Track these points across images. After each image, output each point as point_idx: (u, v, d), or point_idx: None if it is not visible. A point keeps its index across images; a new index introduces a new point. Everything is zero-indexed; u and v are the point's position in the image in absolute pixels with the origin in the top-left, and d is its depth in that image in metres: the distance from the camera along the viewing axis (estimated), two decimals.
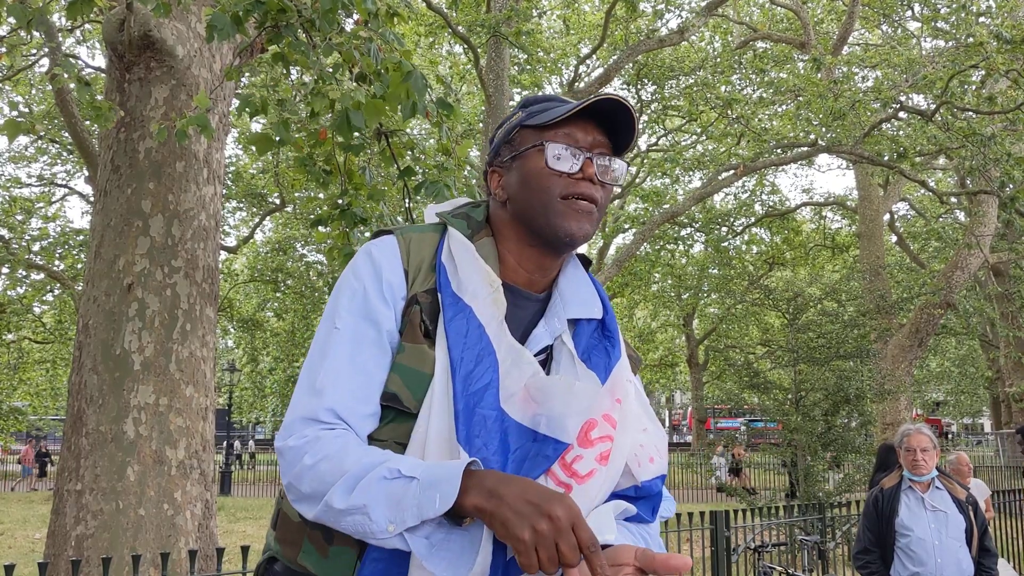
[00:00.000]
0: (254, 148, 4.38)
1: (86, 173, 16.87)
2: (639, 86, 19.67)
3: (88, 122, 10.71)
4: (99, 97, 11.27)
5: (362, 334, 1.34)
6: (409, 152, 5.18)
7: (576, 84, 17.86)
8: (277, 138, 4.51)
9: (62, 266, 18.09)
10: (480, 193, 4.90)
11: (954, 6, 14.95)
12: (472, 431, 1.28)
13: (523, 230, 1.41)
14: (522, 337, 1.39)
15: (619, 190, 21.24)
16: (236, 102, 4.66)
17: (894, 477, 4.33)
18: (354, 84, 4.46)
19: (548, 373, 1.39)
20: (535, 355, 1.37)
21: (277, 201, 19.27)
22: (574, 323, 1.44)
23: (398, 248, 1.40)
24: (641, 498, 1.40)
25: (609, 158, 1.40)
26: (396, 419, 1.33)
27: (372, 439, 1.33)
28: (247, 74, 12.20)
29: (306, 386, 1.33)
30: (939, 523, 4.13)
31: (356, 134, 4.37)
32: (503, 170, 1.45)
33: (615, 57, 16.45)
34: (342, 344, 1.34)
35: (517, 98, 19.34)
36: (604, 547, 1.24)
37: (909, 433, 4.23)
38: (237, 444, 35.25)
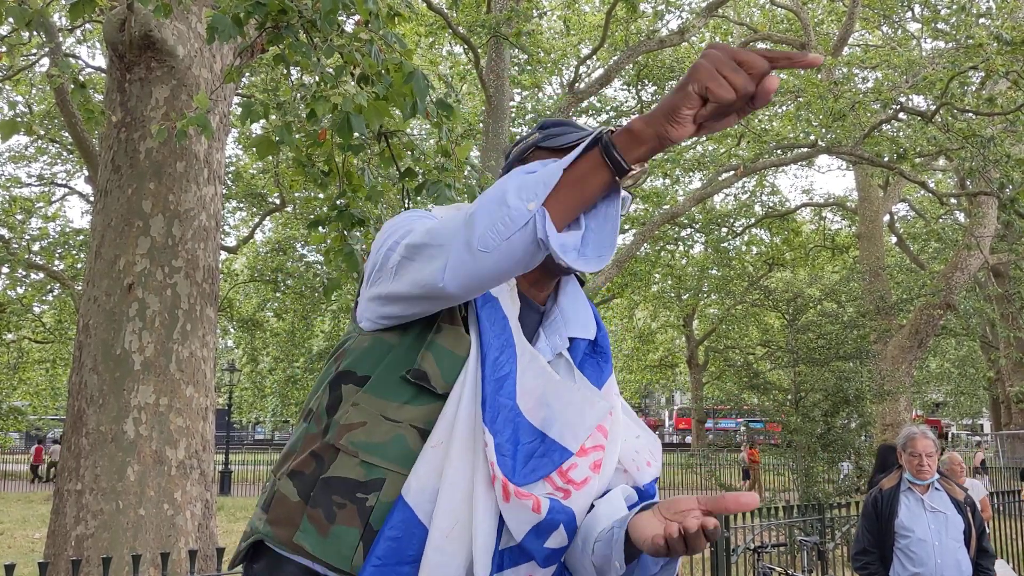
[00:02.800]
0: (255, 151, 4.37)
1: (86, 173, 16.86)
2: (639, 87, 19.67)
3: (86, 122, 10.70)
4: (99, 97, 11.27)
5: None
6: (409, 153, 5.19)
7: (576, 84, 17.86)
8: (278, 139, 4.51)
9: (62, 266, 18.09)
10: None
11: (954, 7, 14.95)
12: (493, 415, 1.30)
13: None
14: None
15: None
16: (236, 102, 4.67)
17: (893, 478, 4.33)
18: (355, 86, 4.46)
19: None
20: None
21: (277, 201, 19.26)
22: (570, 340, 1.47)
23: None
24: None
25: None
26: (418, 398, 1.32)
27: (388, 419, 1.32)
28: (247, 75, 12.21)
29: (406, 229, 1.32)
30: (938, 524, 4.13)
31: (356, 134, 4.38)
32: None
33: (615, 58, 16.45)
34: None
35: (517, 98, 19.36)
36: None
37: (914, 437, 4.22)
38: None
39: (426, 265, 1.21)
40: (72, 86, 5.01)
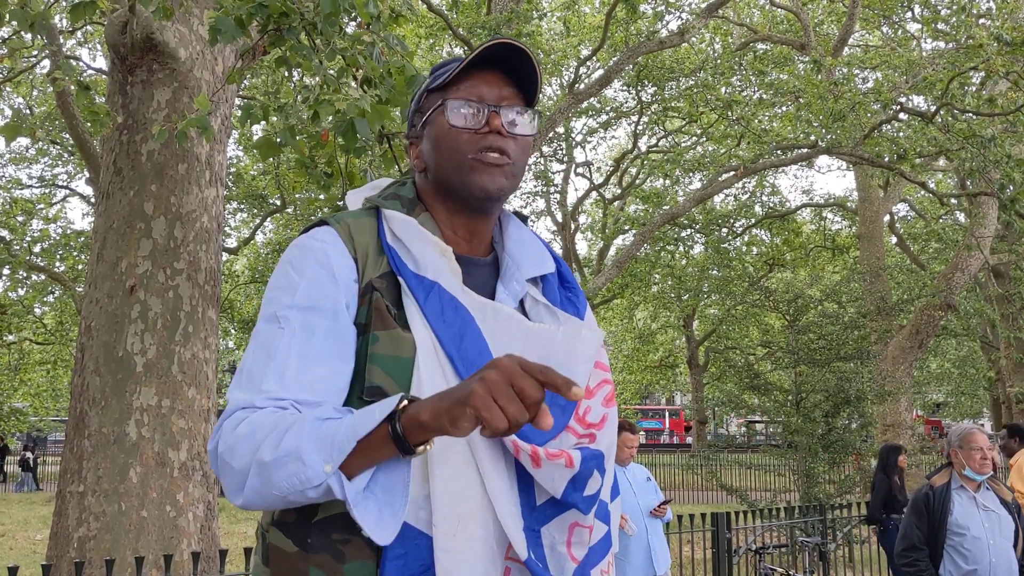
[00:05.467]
0: (258, 152, 4.38)
1: (87, 175, 16.87)
2: (639, 88, 19.68)
3: (88, 124, 10.72)
4: (100, 99, 11.28)
5: (312, 324, 1.25)
6: None
7: (576, 85, 17.87)
8: (280, 141, 4.52)
9: (63, 267, 18.11)
10: None
11: (954, 8, 14.96)
12: None
13: (444, 196, 1.38)
14: None
15: (531, 141, 21.13)
16: (238, 105, 4.69)
17: (944, 475, 4.31)
18: (358, 89, 4.47)
19: None
20: None
21: (278, 203, 19.29)
22: (538, 281, 1.42)
23: (339, 235, 1.32)
24: None
25: (518, 110, 1.36)
26: None
27: None
28: (249, 77, 12.22)
29: (248, 384, 1.22)
30: (992, 523, 4.13)
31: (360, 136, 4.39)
32: (418, 140, 1.42)
33: (615, 59, 16.46)
34: (290, 339, 1.24)
35: None
36: None
37: (972, 432, 4.20)
38: None
39: (224, 479, 1.18)
40: (76, 88, 5.01)
